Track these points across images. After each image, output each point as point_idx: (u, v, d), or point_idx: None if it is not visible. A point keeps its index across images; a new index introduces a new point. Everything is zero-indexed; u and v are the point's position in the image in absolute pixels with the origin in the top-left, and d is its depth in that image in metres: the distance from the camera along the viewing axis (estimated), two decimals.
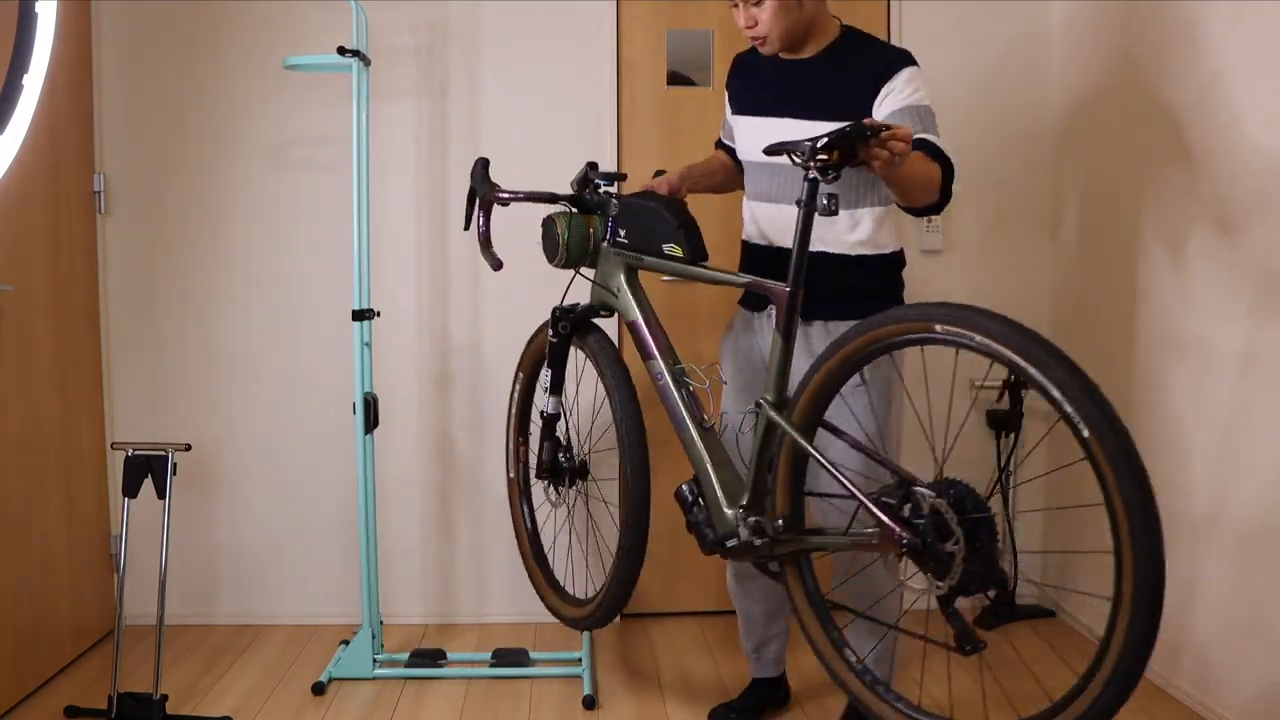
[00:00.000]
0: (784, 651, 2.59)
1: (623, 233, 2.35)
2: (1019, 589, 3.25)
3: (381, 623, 2.91)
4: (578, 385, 2.79)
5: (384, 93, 3.07)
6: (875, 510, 1.79)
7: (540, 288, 2.77)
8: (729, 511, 2.13)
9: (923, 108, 2.18)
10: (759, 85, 2.37)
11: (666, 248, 2.22)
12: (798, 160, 1.93)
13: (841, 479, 1.88)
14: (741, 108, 2.41)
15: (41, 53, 2.57)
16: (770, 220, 2.34)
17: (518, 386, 2.74)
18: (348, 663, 2.77)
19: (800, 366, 2.12)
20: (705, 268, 2.20)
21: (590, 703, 2.60)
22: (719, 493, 2.15)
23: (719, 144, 2.62)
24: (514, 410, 2.74)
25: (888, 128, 1.86)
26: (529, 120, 3.12)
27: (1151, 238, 2.74)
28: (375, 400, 2.78)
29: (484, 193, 2.49)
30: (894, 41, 3.16)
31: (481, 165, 2.55)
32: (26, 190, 2.63)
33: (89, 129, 3.01)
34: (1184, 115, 2.58)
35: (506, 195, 2.45)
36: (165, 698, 2.48)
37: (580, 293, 2.50)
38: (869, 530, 1.83)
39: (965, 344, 1.66)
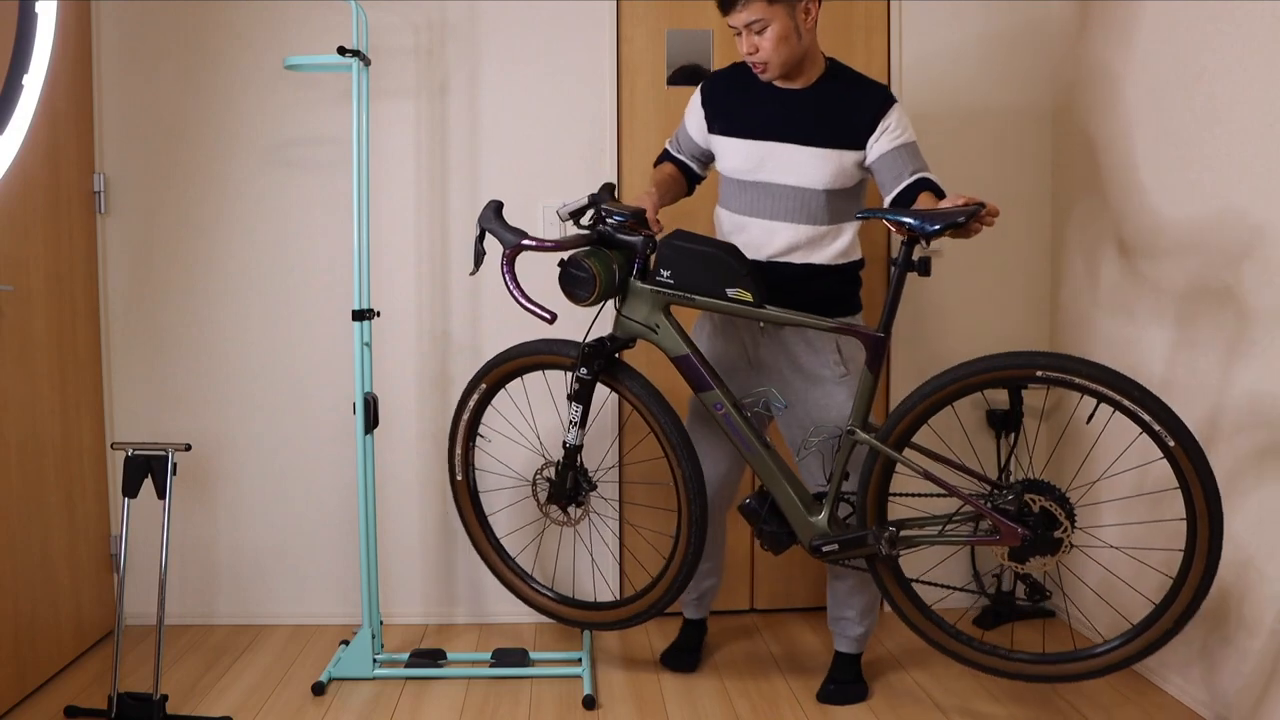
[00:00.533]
0: (714, 598, 2.92)
1: (666, 273, 2.46)
2: (1018, 588, 3.25)
3: (381, 623, 2.91)
4: (602, 407, 2.79)
5: (384, 93, 3.07)
6: (999, 517, 2.25)
7: (540, 287, 2.77)
8: (815, 519, 2.46)
9: (914, 144, 2.49)
10: (750, 109, 2.54)
11: (732, 292, 2.40)
12: (905, 230, 2.26)
13: (961, 493, 2.29)
14: (729, 129, 2.56)
15: (41, 53, 2.57)
16: (765, 234, 2.53)
17: (475, 396, 2.73)
18: (348, 663, 2.77)
19: (775, 364, 2.53)
20: (778, 310, 2.40)
21: (590, 703, 2.60)
22: (798, 503, 2.46)
23: (668, 156, 2.74)
24: (466, 418, 2.75)
25: (983, 205, 2.23)
26: (529, 120, 3.12)
27: (1106, 244, 2.75)
28: (375, 400, 2.78)
29: (510, 242, 2.43)
30: (894, 41, 3.18)
31: (495, 209, 2.51)
32: (26, 190, 2.63)
33: (89, 129, 3.01)
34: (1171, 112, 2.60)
35: (534, 243, 2.41)
36: (165, 698, 2.48)
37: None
38: (986, 528, 2.29)
39: (1066, 384, 2.16)
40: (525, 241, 2.42)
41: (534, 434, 3.10)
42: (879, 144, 2.45)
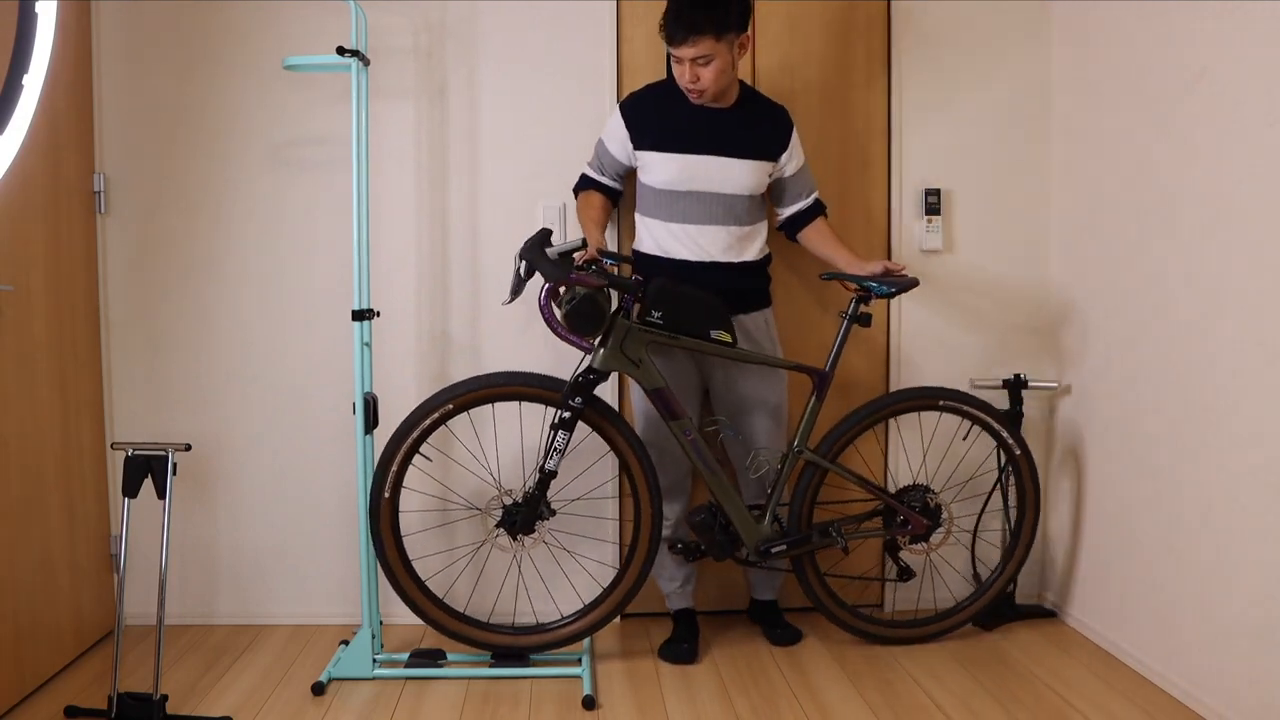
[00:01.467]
0: (696, 581, 3.10)
1: (658, 313, 2.67)
2: (1019, 589, 3.25)
3: (381, 623, 2.91)
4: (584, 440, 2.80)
5: (383, 93, 3.07)
6: (911, 513, 2.90)
7: (537, 287, 2.77)
8: (761, 527, 2.83)
9: (807, 163, 2.96)
10: (680, 126, 2.81)
11: (715, 333, 2.69)
12: (853, 288, 2.82)
13: (885, 495, 2.91)
14: (660, 145, 2.82)
15: (41, 53, 2.57)
16: (699, 238, 2.82)
17: (435, 416, 2.71)
18: (348, 663, 2.77)
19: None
20: (748, 350, 2.81)
21: (590, 703, 2.60)
22: (748, 515, 2.81)
23: (592, 183, 2.93)
24: (416, 436, 2.71)
25: (916, 281, 2.85)
26: (529, 120, 3.12)
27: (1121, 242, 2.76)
28: (375, 400, 2.78)
29: (555, 276, 2.54)
30: (894, 40, 3.18)
31: (539, 241, 2.59)
32: (26, 190, 2.63)
33: (89, 129, 3.02)
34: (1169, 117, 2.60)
35: (576, 278, 2.53)
36: (165, 698, 2.48)
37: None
38: (903, 521, 2.92)
39: (957, 411, 2.92)
40: (573, 276, 2.55)
41: (490, 462, 3.12)
42: (791, 163, 2.90)
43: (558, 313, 2.58)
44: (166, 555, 2.52)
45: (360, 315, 2.72)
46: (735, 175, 2.81)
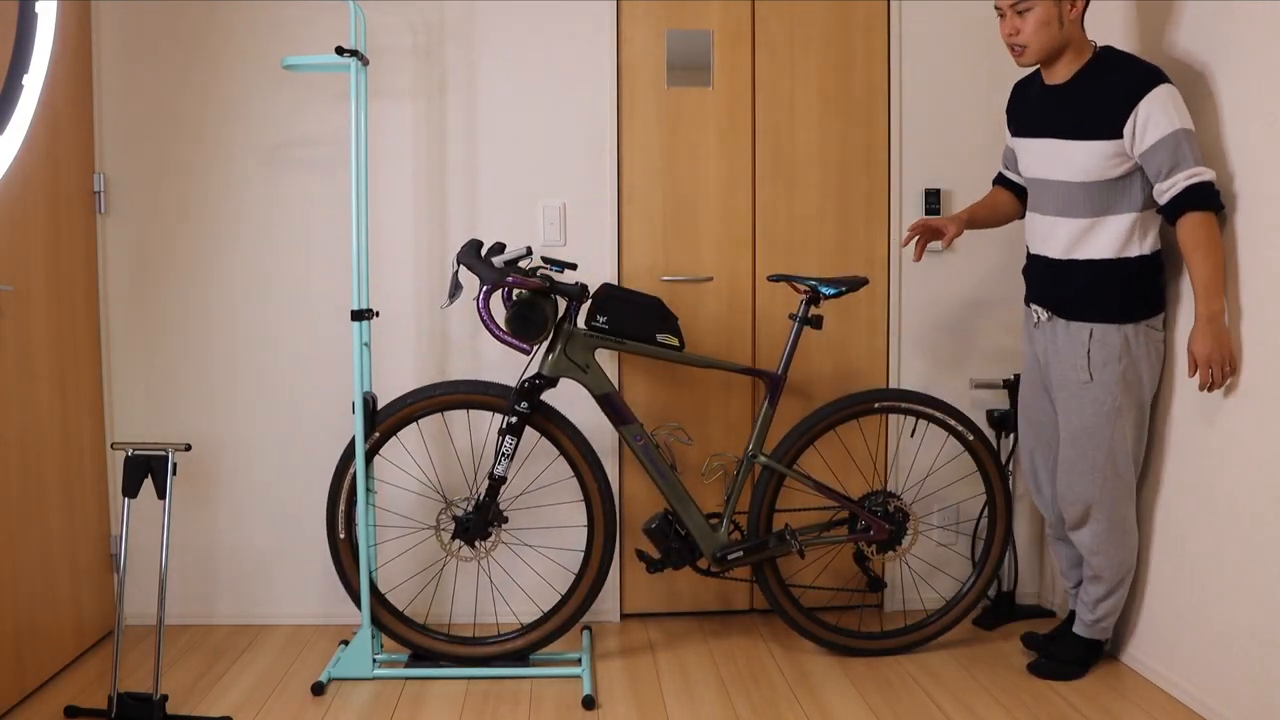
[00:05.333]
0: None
1: (603, 319, 2.68)
2: (1018, 588, 3.25)
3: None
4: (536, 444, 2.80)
5: (382, 93, 3.07)
6: (872, 517, 2.83)
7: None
8: (718, 534, 2.80)
9: (1174, 135, 2.35)
10: (1029, 108, 2.69)
11: (661, 337, 2.70)
12: (803, 290, 2.77)
13: (841, 495, 2.83)
14: (1018, 130, 2.73)
15: (41, 53, 2.57)
16: (1044, 229, 2.62)
17: (374, 438, 2.75)
18: (347, 663, 2.77)
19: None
20: (694, 354, 2.78)
21: (590, 703, 2.60)
22: (704, 522, 2.79)
23: (1000, 176, 2.93)
24: (353, 469, 2.74)
25: (866, 280, 2.80)
26: (528, 120, 3.12)
27: None
28: (374, 400, 2.78)
29: (490, 278, 2.53)
30: (894, 40, 3.17)
31: (473, 247, 2.62)
32: (26, 190, 2.63)
33: (89, 129, 3.02)
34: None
35: (514, 280, 2.53)
36: (165, 698, 2.48)
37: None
38: (864, 527, 2.85)
39: (896, 410, 2.85)
40: (514, 279, 2.53)
41: (429, 475, 3.13)
42: (1147, 138, 2.39)
43: (497, 315, 2.59)
44: (166, 555, 2.52)
45: (359, 315, 2.72)
46: (1066, 159, 2.52)
